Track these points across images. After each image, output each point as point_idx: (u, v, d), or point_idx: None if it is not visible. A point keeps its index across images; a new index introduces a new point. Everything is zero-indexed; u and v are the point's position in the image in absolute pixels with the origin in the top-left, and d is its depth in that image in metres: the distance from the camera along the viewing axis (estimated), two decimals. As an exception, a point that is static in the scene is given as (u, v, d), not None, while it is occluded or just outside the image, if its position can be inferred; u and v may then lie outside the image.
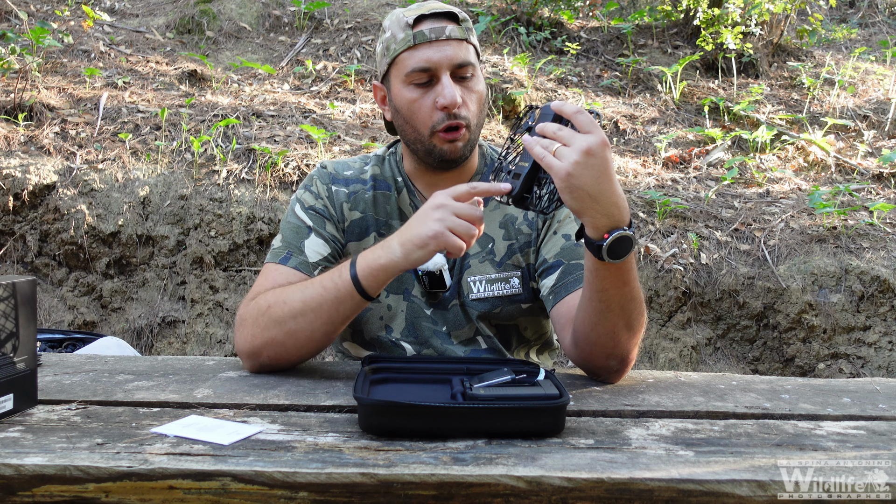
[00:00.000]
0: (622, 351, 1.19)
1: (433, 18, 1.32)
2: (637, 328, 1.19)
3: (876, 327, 3.30)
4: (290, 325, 1.20)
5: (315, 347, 1.23)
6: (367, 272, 1.15)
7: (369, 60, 5.12)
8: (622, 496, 0.82)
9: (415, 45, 1.30)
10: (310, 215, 1.39)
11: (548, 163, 1.04)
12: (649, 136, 4.58)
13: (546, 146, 1.05)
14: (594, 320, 1.16)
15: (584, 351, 1.22)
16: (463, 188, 1.12)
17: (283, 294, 1.23)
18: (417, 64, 1.30)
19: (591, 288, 1.14)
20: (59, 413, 1.02)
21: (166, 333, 3.48)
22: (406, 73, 1.31)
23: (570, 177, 1.02)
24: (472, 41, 1.35)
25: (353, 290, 1.16)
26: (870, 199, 3.91)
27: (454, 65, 1.30)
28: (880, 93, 5.19)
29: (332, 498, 0.82)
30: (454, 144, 1.32)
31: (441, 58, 1.29)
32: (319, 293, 1.19)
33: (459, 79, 1.32)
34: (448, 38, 1.30)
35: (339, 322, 1.20)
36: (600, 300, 1.14)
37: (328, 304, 1.18)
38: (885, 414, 1.09)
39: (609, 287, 1.12)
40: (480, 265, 1.40)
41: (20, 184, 3.52)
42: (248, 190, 3.64)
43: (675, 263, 3.47)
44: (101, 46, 4.91)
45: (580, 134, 1.04)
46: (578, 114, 1.05)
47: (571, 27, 5.82)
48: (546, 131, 1.06)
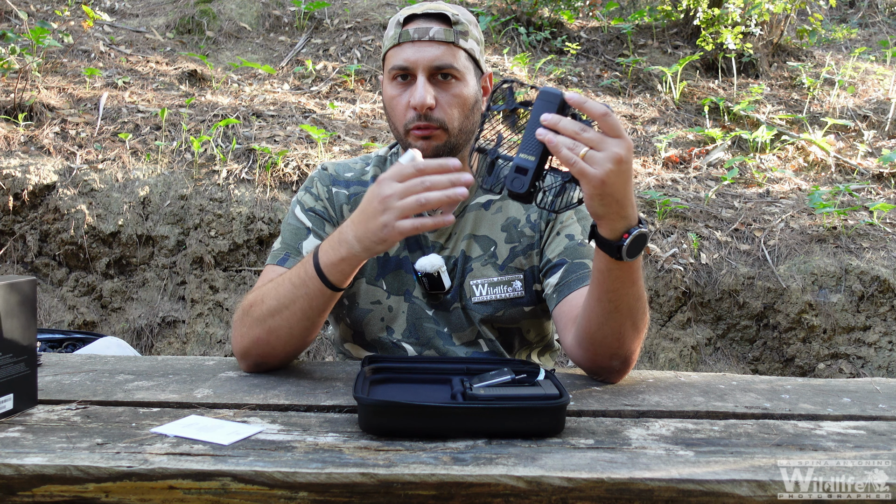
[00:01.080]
0: (626, 351, 1.19)
1: (423, 19, 1.33)
2: (641, 327, 1.19)
3: (876, 327, 3.30)
4: (269, 322, 1.20)
5: (298, 343, 1.23)
6: (329, 267, 1.14)
7: (369, 60, 5.12)
8: (622, 496, 0.82)
9: (399, 44, 1.33)
10: (309, 217, 1.40)
11: (580, 169, 0.98)
12: (649, 136, 4.58)
13: (572, 148, 0.98)
14: (601, 320, 1.15)
15: (588, 351, 1.21)
16: (408, 168, 1.06)
17: (261, 293, 1.23)
18: (397, 62, 1.32)
19: (600, 289, 1.13)
20: (59, 413, 1.02)
21: (166, 333, 3.48)
22: (389, 70, 1.35)
23: (604, 185, 0.98)
24: (463, 45, 1.33)
25: (321, 285, 1.15)
26: (870, 199, 3.91)
27: (432, 66, 1.30)
28: (880, 93, 5.19)
29: (332, 498, 0.82)
30: (427, 142, 1.32)
31: (418, 58, 1.30)
32: (290, 290, 1.18)
33: (440, 79, 1.32)
34: (431, 39, 1.31)
35: (316, 315, 1.19)
36: (609, 300, 1.13)
37: (300, 299, 1.17)
38: (885, 414, 1.09)
39: (619, 287, 1.11)
40: (483, 268, 1.39)
41: (20, 184, 3.52)
42: (248, 190, 3.64)
43: (675, 263, 3.47)
44: (101, 46, 4.91)
45: (609, 138, 0.98)
46: (607, 116, 0.98)
47: (571, 27, 5.82)
48: (566, 130, 0.99)
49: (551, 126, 1.00)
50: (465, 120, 1.35)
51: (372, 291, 1.40)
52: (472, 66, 1.36)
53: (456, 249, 1.40)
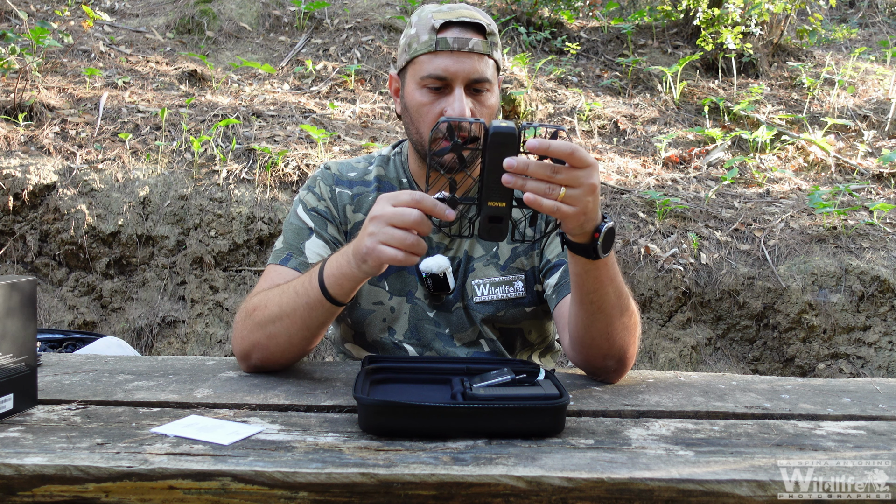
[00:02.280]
0: (618, 351, 1.19)
1: (461, 28, 1.31)
2: (630, 326, 1.19)
3: (876, 327, 3.30)
4: (269, 328, 1.20)
5: (297, 351, 1.23)
6: (332, 280, 1.13)
7: (369, 60, 5.12)
8: (622, 496, 0.82)
9: (436, 51, 1.30)
10: (311, 217, 1.39)
11: (563, 213, 0.98)
12: (649, 136, 4.58)
13: (548, 193, 0.97)
14: (587, 323, 1.17)
15: (581, 353, 1.23)
16: (404, 196, 1.05)
17: (266, 297, 1.23)
18: (434, 71, 1.29)
19: (580, 291, 1.14)
20: (59, 413, 1.02)
21: (166, 333, 3.48)
22: (421, 76, 1.31)
23: (583, 215, 1.00)
24: (494, 56, 1.33)
25: (323, 298, 1.14)
26: (870, 199, 3.91)
27: (471, 79, 1.29)
28: (880, 93, 5.19)
29: (332, 498, 0.82)
30: None
31: (458, 70, 1.29)
32: (293, 298, 1.17)
33: (473, 92, 1.31)
34: (470, 50, 1.29)
35: (316, 327, 1.18)
36: (591, 302, 1.14)
37: (301, 309, 1.16)
38: (885, 414, 1.09)
39: (598, 287, 1.12)
40: (484, 268, 1.39)
41: (20, 184, 3.52)
42: (248, 190, 3.64)
43: (675, 263, 3.47)
44: (101, 46, 4.91)
45: (580, 171, 0.98)
46: (574, 153, 0.97)
47: (571, 27, 5.82)
48: (538, 174, 0.97)
49: (521, 171, 0.97)
50: None
51: (374, 292, 1.40)
52: (496, 74, 1.36)
53: (459, 250, 1.41)
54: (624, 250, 3.51)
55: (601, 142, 4.58)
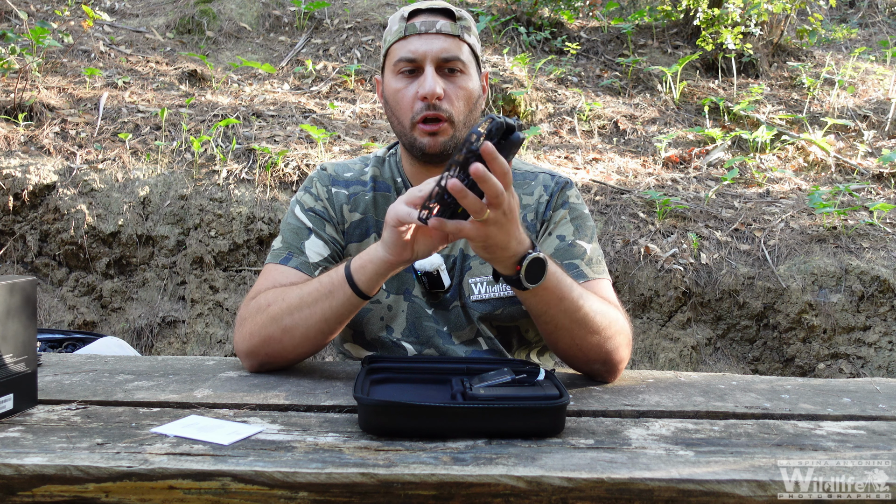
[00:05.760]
0: (598, 356, 1.20)
1: (428, 13, 1.35)
2: (603, 331, 1.18)
3: (876, 327, 3.30)
4: (286, 321, 1.20)
5: (311, 346, 1.23)
6: (358, 269, 1.16)
7: (369, 60, 5.12)
8: (622, 496, 0.82)
9: (405, 37, 1.34)
10: (309, 217, 1.40)
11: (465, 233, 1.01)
12: (649, 136, 4.58)
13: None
14: (554, 338, 1.19)
15: (565, 361, 1.26)
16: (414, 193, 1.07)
17: (283, 293, 1.24)
18: (404, 54, 1.33)
19: (533, 313, 1.16)
20: (59, 413, 1.02)
21: (166, 333, 3.48)
22: (394, 63, 1.35)
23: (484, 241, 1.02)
24: (466, 40, 1.36)
25: (347, 286, 1.16)
26: (870, 199, 3.91)
27: (440, 58, 1.32)
28: (880, 93, 5.19)
29: (332, 498, 0.82)
30: (434, 138, 1.32)
31: (427, 49, 1.32)
32: (316, 289, 1.19)
33: (447, 72, 1.33)
34: (438, 31, 1.33)
35: (335, 320, 1.20)
36: (547, 322, 1.16)
37: (323, 299, 1.18)
38: (885, 414, 1.09)
39: (547, 309, 1.14)
40: (481, 266, 1.40)
41: (20, 184, 3.52)
42: (248, 190, 3.64)
43: (675, 263, 3.47)
44: (101, 46, 4.91)
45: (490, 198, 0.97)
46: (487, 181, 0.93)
47: (571, 27, 5.82)
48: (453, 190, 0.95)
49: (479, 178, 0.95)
50: (470, 115, 1.36)
51: (371, 291, 1.40)
52: (474, 62, 1.38)
53: (454, 248, 1.41)
54: (624, 250, 3.51)
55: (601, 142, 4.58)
